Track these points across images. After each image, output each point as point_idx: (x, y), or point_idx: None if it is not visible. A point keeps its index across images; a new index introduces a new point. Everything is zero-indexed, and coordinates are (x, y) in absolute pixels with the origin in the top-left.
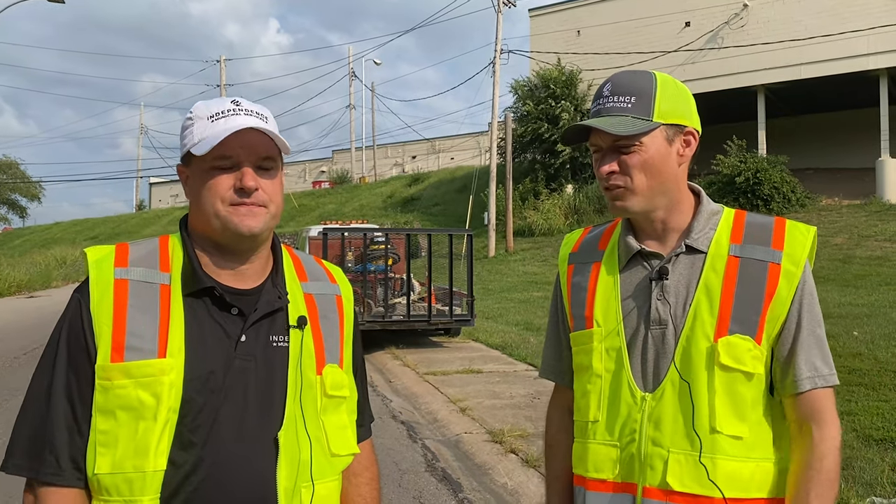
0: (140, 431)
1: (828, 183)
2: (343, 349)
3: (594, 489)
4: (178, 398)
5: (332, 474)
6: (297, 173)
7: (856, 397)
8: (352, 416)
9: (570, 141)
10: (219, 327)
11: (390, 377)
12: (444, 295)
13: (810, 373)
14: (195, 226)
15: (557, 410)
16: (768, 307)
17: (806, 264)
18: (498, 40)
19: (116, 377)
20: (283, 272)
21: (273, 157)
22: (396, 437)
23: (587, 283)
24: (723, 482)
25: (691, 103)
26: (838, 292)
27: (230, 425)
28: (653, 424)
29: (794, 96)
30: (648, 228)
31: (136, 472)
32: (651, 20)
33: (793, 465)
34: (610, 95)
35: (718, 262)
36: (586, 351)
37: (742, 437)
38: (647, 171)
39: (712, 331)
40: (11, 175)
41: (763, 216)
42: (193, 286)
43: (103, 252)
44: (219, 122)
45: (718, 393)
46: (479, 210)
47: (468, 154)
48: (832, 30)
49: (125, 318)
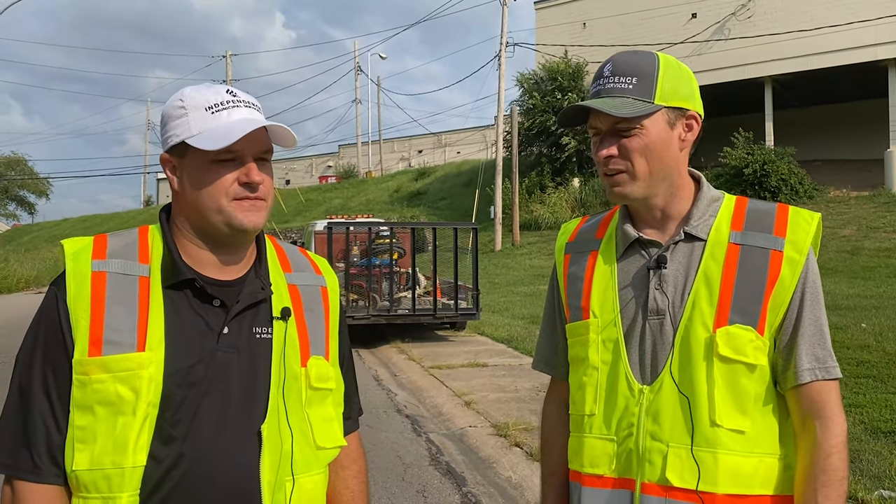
0: (119, 427)
1: (836, 174)
2: (329, 341)
3: (590, 485)
4: (158, 392)
5: (317, 467)
6: (304, 168)
7: (864, 389)
8: (338, 409)
9: (567, 123)
10: (200, 319)
11: (396, 371)
12: (450, 289)
13: (812, 364)
14: (184, 217)
15: (553, 405)
16: (770, 296)
17: (810, 252)
18: (503, 33)
19: (94, 372)
20: (267, 263)
21: (270, 149)
22: (401, 431)
23: (584, 273)
24: (724, 478)
25: (694, 86)
26: (847, 284)
27: (212, 419)
28: (651, 418)
29: (801, 87)
30: (647, 216)
31: (115, 469)
32: (657, 11)
33: (798, 464)
34: (611, 76)
35: (718, 250)
36: (582, 342)
37: (744, 432)
38: (648, 155)
39: (711, 321)
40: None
41: (766, 203)
42: (173, 278)
43: (81, 244)
44: (220, 114)
45: (718, 385)
46: (485, 204)
47: (474, 148)
48: (840, 20)
49: (103, 312)
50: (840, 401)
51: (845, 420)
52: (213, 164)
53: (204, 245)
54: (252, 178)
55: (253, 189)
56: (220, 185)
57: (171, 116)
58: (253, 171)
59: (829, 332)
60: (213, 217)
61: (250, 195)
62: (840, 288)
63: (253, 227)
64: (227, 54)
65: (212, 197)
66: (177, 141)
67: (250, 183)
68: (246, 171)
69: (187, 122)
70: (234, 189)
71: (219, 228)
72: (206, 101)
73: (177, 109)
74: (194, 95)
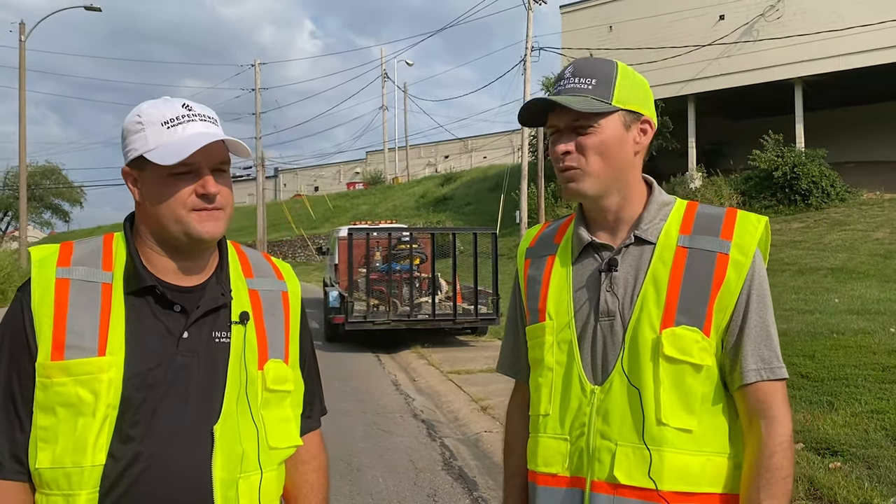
0: (79, 427)
1: (869, 176)
2: (288, 344)
3: (544, 483)
4: (118, 395)
5: (269, 465)
6: (332, 175)
7: (888, 395)
8: (297, 410)
9: (528, 122)
10: (161, 324)
11: (415, 376)
12: (471, 294)
13: (757, 365)
14: (145, 226)
15: (516, 408)
16: (716, 297)
17: (756, 255)
18: (528, 38)
19: (56, 375)
20: (228, 269)
21: (227, 160)
22: (415, 436)
23: (542, 277)
24: (670, 475)
25: (649, 95)
26: (878, 288)
27: (169, 420)
28: (601, 417)
29: (832, 88)
30: (600, 219)
31: (75, 467)
32: (684, 14)
33: (745, 462)
34: (571, 77)
35: (667, 253)
36: (539, 344)
37: (691, 431)
38: (602, 153)
39: (658, 322)
40: (54, 180)
41: (715, 207)
42: (135, 285)
43: (47, 252)
44: (176, 128)
45: (664, 385)
46: (511, 208)
47: (500, 152)
48: (871, 19)
49: (66, 317)
50: (786, 401)
51: (791, 420)
52: (171, 178)
53: (164, 253)
54: (208, 189)
55: (210, 200)
56: (178, 198)
57: (130, 131)
58: (209, 183)
59: (776, 334)
60: (172, 227)
61: (208, 206)
62: (871, 292)
63: (210, 237)
64: (255, 63)
65: (170, 209)
66: (135, 155)
67: (207, 195)
68: (202, 183)
69: (144, 136)
70: (191, 201)
71: (178, 238)
72: (163, 116)
73: (135, 125)
74: (151, 111)
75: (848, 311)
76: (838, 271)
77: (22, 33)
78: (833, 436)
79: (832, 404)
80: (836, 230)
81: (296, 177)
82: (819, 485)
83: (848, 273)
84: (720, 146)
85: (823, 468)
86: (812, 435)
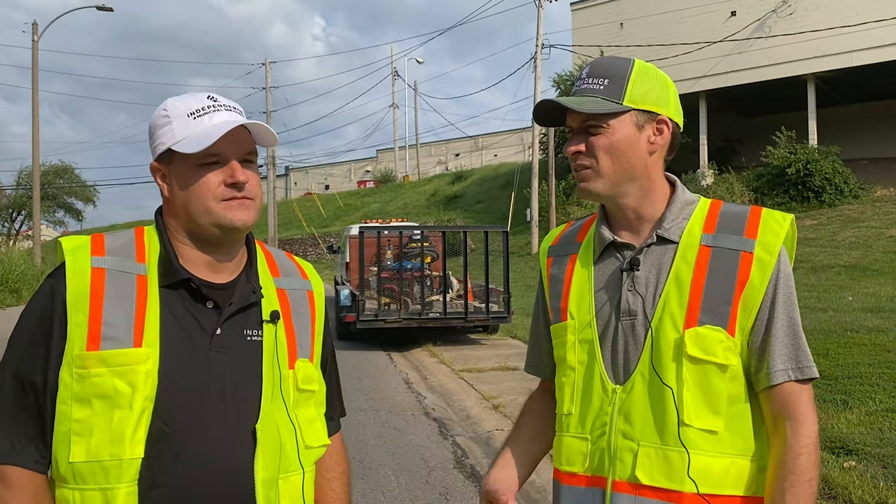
0: (115, 420)
1: (883, 173)
2: (314, 344)
3: (567, 482)
4: (154, 387)
5: (306, 465)
6: (343, 173)
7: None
8: (320, 410)
9: (545, 122)
10: (194, 320)
11: (426, 374)
12: (482, 292)
13: (785, 365)
14: (175, 221)
15: (533, 400)
16: (740, 297)
17: (782, 252)
18: (539, 35)
19: (93, 366)
20: (257, 267)
21: (255, 151)
22: (427, 434)
23: (564, 276)
24: (693, 477)
25: (671, 92)
26: (892, 286)
27: (206, 416)
28: (623, 417)
29: (845, 84)
30: (622, 219)
31: (113, 460)
32: (696, 10)
33: (769, 464)
34: (586, 78)
35: (689, 253)
36: (562, 343)
37: (716, 432)
38: (612, 154)
39: (681, 322)
40: (67, 179)
41: (740, 206)
42: (170, 278)
43: (79, 241)
44: (202, 118)
45: (688, 385)
46: (521, 206)
47: (511, 150)
48: (885, 14)
49: (101, 308)
50: (812, 402)
51: (816, 421)
52: (199, 168)
53: (195, 246)
54: (237, 177)
55: (239, 188)
56: (207, 188)
57: (157, 126)
58: (237, 170)
59: (803, 333)
60: (202, 219)
61: (237, 195)
62: (885, 290)
63: (242, 224)
64: (266, 62)
65: (200, 199)
66: (163, 149)
67: (236, 183)
68: (231, 172)
69: (171, 129)
70: (220, 190)
71: (209, 229)
72: (188, 108)
73: (161, 119)
74: (177, 104)
75: (862, 308)
76: (852, 269)
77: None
78: (848, 435)
79: (846, 403)
80: (850, 227)
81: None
82: (834, 484)
83: (862, 270)
84: (732, 143)
85: (838, 467)
86: (826, 434)
